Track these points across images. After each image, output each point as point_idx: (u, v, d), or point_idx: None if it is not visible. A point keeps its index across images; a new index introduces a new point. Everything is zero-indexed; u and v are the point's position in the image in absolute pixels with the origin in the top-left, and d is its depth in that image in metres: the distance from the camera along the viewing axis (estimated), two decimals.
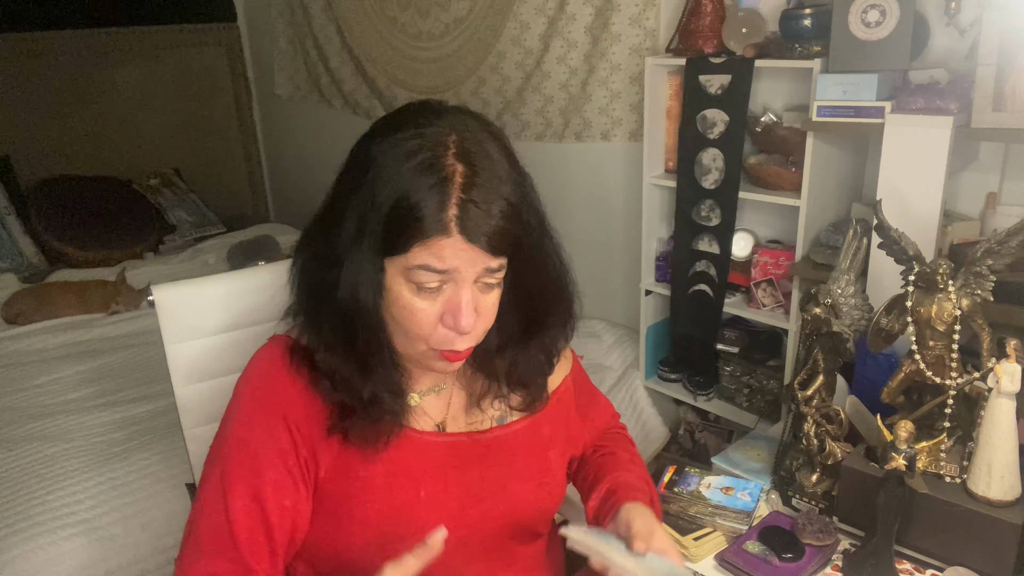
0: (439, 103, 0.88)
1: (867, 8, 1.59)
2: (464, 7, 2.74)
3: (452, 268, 0.80)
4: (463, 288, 0.82)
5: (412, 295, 0.82)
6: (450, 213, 0.78)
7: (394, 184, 0.79)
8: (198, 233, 3.66)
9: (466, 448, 0.96)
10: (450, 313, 0.82)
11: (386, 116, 0.87)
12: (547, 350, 0.99)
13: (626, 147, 2.41)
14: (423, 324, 0.83)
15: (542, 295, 0.93)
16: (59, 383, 2.29)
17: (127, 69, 3.73)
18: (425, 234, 0.78)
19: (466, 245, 0.79)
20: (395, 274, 0.82)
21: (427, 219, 0.78)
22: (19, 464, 1.85)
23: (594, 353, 2.44)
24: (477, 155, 0.81)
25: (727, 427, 2.30)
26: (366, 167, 0.82)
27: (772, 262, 1.98)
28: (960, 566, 1.06)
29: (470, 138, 0.82)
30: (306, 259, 0.89)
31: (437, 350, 0.85)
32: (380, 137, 0.83)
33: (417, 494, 0.91)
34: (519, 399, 0.99)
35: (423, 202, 0.78)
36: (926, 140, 1.50)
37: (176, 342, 1.18)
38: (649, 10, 2.20)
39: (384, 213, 0.79)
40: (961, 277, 1.13)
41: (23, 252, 3.20)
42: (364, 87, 3.36)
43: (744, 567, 1.08)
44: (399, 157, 0.80)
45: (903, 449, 1.02)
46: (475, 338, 0.87)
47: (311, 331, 0.88)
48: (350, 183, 0.85)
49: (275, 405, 0.88)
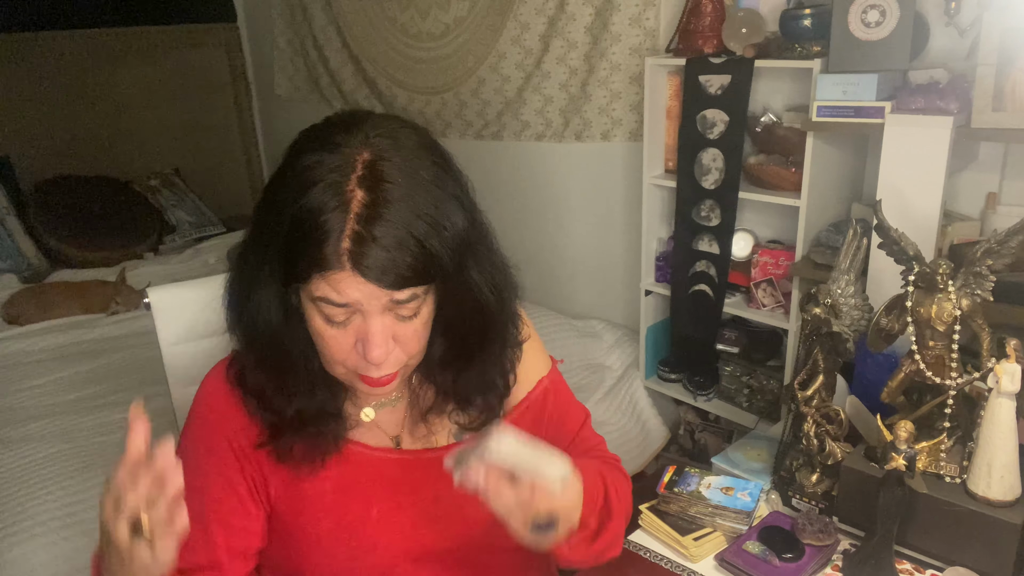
0: (367, 113, 0.81)
1: (867, 8, 1.59)
2: (464, 7, 2.74)
3: (353, 301, 0.74)
4: (371, 319, 0.76)
5: (323, 323, 0.77)
6: (343, 246, 0.72)
7: (294, 207, 0.74)
8: (198, 233, 3.66)
9: (419, 466, 0.92)
10: (361, 342, 0.77)
11: (312, 126, 0.82)
12: (497, 367, 0.92)
13: (626, 147, 2.41)
14: (335, 351, 0.79)
15: (468, 324, 0.86)
16: (59, 383, 2.29)
17: (127, 69, 3.73)
18: (321, 266, 0.73)
19: (362, 281, 0.73)
20: (305, 298, 0.78)
21: (323, 250, 0.72)
22: (19, 464, 1.85)
23: (594, 353, 2.44)
24: (386, 181, 0.73)
25: (727, 427, 2.30)
26: (276, 183, 0.78)
27: (772, 262, 1.98)
28: (960, 566, 1.06)
29: (387, 158, 0.75)
30: (231, 275, 0.87)
31: (361, 376, 0.81)
32: (299, 151, 0.78)
33: (368, 512, 0.89)
34: (467, 419, 0.93)
35: (319, 230, 0.72)
36: (926, 140, 1.50)
37: (173, 344, 1.18)
38: (649, 10, 2.20)
39: (283, 236, 0.75)
40: (961, 277, 1.13)
41: (23, 252, 3.20)
42: (364, 87, 3.35)
43: (744, 567, 1.08)
44: (302, 174, 0.75)
45: (903, 449, 1.02)
46: (395, 365, 0.81)
47: (239, 349, 0.87)
48: (263, 197, 0.81)
49: (220, 428, 0.88)
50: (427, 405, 0.92)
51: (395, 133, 0.78)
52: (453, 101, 2.92)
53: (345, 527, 0.88)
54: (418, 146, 0.79)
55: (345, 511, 0.88)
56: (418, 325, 0.80)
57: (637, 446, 2.29)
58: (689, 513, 1.21)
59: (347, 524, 0.88)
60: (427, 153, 0.79)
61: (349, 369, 0.81)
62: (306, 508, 0.88)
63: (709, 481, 1.25)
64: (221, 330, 1.18)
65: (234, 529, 0.86)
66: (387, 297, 0.75)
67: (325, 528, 0.87)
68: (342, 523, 0.88)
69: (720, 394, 2.23)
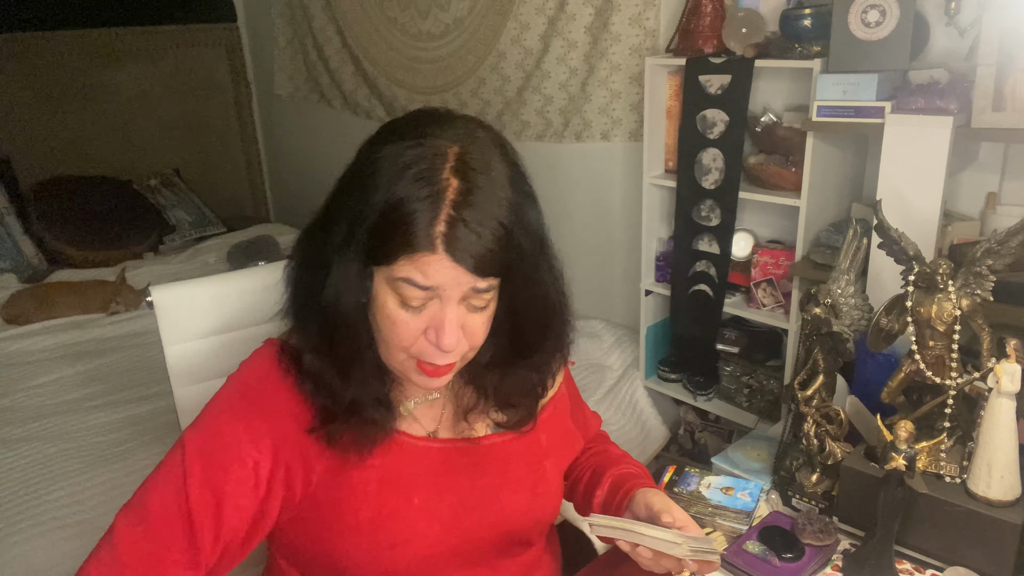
0: (448, 111, 0.85)
1: (867, 8, 1.59)
2: (464, 7, 2.74)
3: (436, 285, 0.77)
4: (448, 306, 0.79)
5: (396, 307, 0.80)
6: (437, 230, 0.75)
7: (386, 192, 0.77)
8: (198, 233, 3.66)
9: (459, 455, 0.94)
10: (433, 329, 0.80)
11: (393, 120, 0.86)
12: (540, 372, 0.97)
13: (626, 147, 2.41)
14: (404, 336, 0.81)
15: (533, 321, 0.90)
16: (59, 383, 2.29)
17: (127, 69, 3.73)
18: (411, 248, 0.76)
19: (452, 264, 0.76)
20: (381, 282, 0.80)
21: (415, 233, 0.75)
22: (19, 464, 1.85)
23: (594, 353, 2.44)
24: (476, 171, 0.77)
25: (727, 427, 2.30)
26: (363, 172, 0.81)
27: (772, 262, 1.98)
28: (960, 566, 1.06)
29: (474, 152, 0.79)
30: (299, 260, 0.88)
31: (415, 361, 0.83)
32: (382, 143, 0.81)
33: (410, 501, 0.90)
34: (505, 418, 0.97)
35: (412, 215, 0.75)
36: (926, 140, 1.50)
37: (175, 343, 1.18)
38: (649, 10, 2.20)
39: (373, 221, 0.77)
40: (961, 277, 1.13)
41: (23, 252, 3.20)
42: (364, 87, 3.36)
43: (744, 567, 1.08)
44: (396, 165, 0.77)
45: (903, 449, 1.02)
46: (458, 356, 0.84)
47: (299, 333, 0.87)
48: (346, 186, 0.83)
49: (263, 406, 0.87)
50: (470, 405, 0.96)
51: (476, 132, 0.82)
52: (453, 101, 2.92)
53: (387, 516, 0.88)
54: (495, 144, 0.83)
55: (386, 500, 0.89)
56: (485, 318, 0.84)
57: (637, 446, 2.29)
58: (689, 513, 1.21)
59: (388, 513, 0.89)
60: (505, 152, 0.83)
61: (411, 356, 0.83)
62: (348, 497, 0.88)
63: (709, 481, 1.25)
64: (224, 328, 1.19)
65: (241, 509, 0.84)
66: (469, 285, 0.78)
67: (365, 517, 0.88)
68: (383, 512, 0.88)
69: (720, 394, 2.23)
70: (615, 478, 1.03)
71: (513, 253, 0.79)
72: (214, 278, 1.23)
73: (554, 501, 1.02)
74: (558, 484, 1.03)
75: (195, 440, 0.85)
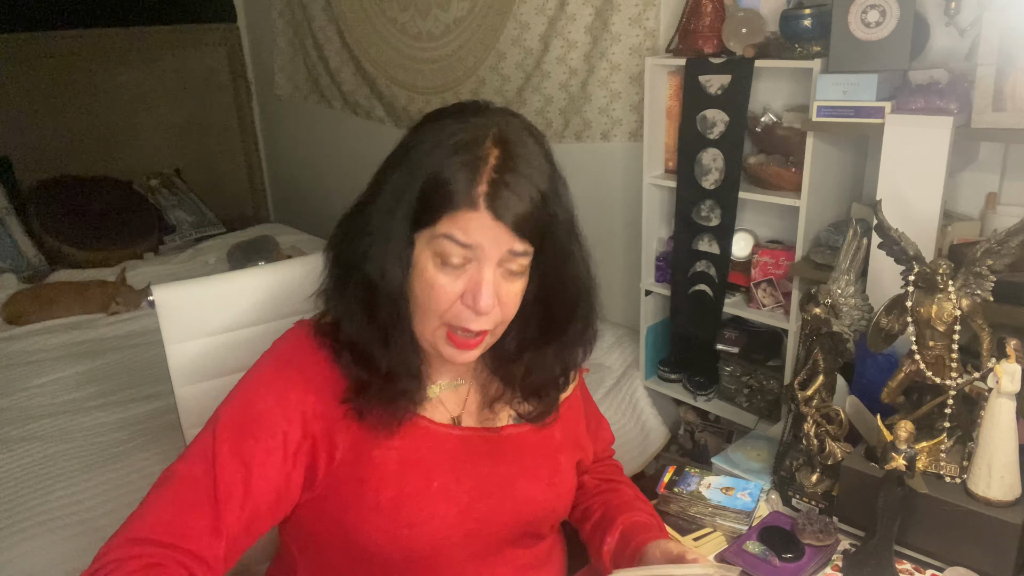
0: (487, 103, 0.91)
1: (867, 8, 1.59)
2: (464, 7, 2.74)
3: (476, 244, 0.82)
4: (486, 267, 0.84)
5: (436, 269, 0.84)
6: (479, 189, 0.81)
7: (431, 159, 0.83)
8: (198, 233, 3.66)
9: (478, 443, 0.98)
10: (470, 292, 0.84)
11: (436, 111, 0.92)
12: (564, 362, 1.01)
13: (626, 147, 2.41)
14: (441, 299, 0.85)
15: (564, 297, 0.94)
16: (59, 383, 2.29)
17: (127, 69, 3.73)
18: (454, 206, 0.81)
19: (493, 222, 0.81)
20: (422, 247, 0.85)
21: (457, 192, 0.81)
22: (19, 464, 1.85)
23: (594, 353, 2.43)
24: (515, 145, 0.84)
25: (727, 427, 2.30)
26: (407, 148, 0.87)
27: (772, 262, 1.98)
28: (960, 566, 1.06)
29: (512, 130, 0.86)
30: (342, 233, 0.92)
31: (446, 331, 0.87)
32: (427, 122, 0.88)
33: (429, 484, 0.92)
34: (530, 409, 1.00)
35: (456, 176, 0.81)
36: (926, 140, 1.50)
37: (176, 342, 1.18)
38: (649, 10, 2.20)
39: (418, 186, 0.83)
40: (961, 277, 1.13)
41: (23, 252, 3.20)
42: (364, 87, 3.36)
43: (744, 567, 1.08)
44: (440, 138, 0.84)
45: (903, 449, 1.02)
46: (491, 323, 0.87)
47: (337, 302, 0.90)
48: (391, 161, 0.89)
49: (294, 379, 0.90)
50: (496, 395, 1.00)
51: (512, 117, 0.89)
52: (453, 101, 2.91)
53: (408, 496, 0.91)
54: (528, 128, 0.90)
55: (407, 481, 0.91)
56: (519, 288, 0.89)
57: (637, 446, 2.29)
58: (689, 513, 1.21)
59: (409, 494, 0.91)
60: (539, 138, 0.89)
61: (444, 323, 0.87)
62: (370, 476, 0.90)
63: (709, 481, 1.25)
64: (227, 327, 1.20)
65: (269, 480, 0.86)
66: (507, 246, 0.83)
67: (386, 497, 0.90)
68: (404, 492, 0.91)
69: (720, 394, 2.23)
70: (627, 527, 1.03)
71: (549, 219, 0.86)
72: (215, 277, 1.23)
73: (569, 492, 1.05)
74: (572, 476, 1.06)
75: (227, 412, 0.88)
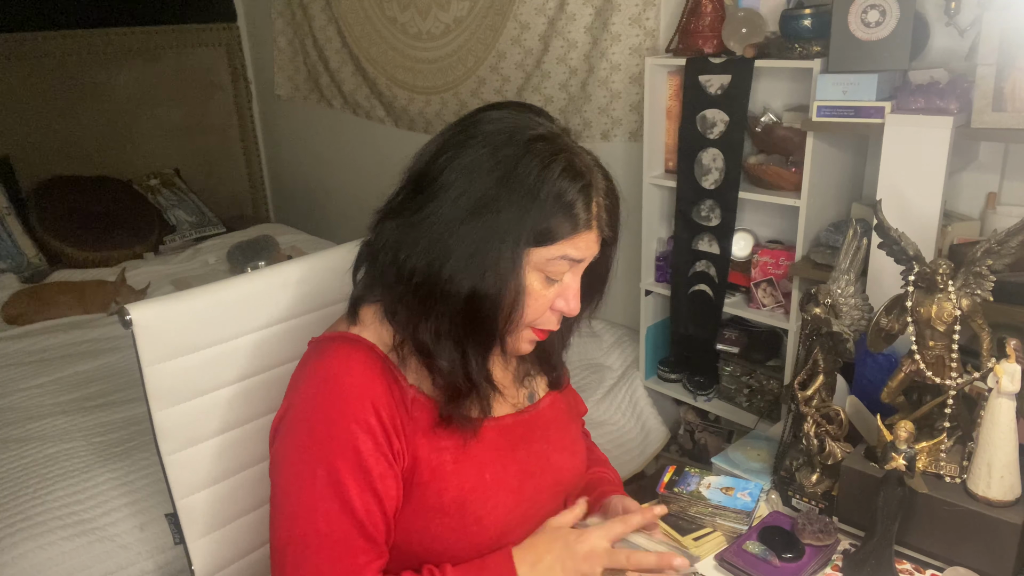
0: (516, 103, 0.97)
1: (867, 8, 1.59)
2: (464, 7, 2.74)
3: (583, 258, 0.90)
4: (577, 275, 0.92)
5: (541, 285, 0.90)
6: (593, 211, 0.89)
7: (548, 186, 0.86)
8: (198, 233, 3.66)
9: (513, 428, 1.01)
10: (563, 298, 0.91)
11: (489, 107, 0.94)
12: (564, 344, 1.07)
13: (626, 147, 2.41)
14: (539, 309, 0.91)
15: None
16: (59, 383, 2.29)
17: (127, 69, 3.73)
18: (575, 228, 0.87)
19: (597, 237, 0.91)
20: (530, 265, 0.88)
21: (579, 217, 0.87)
22: (19, 464, 1.84)
23: (594, 353, 2.44)
24: (605, 167, 0.94)
25: (727, 427, 2.30)
26: (512, 175, 0.85)
27: (772, 262, 1.98)
28: (960, 566, 1.06)
29: (573, 141, 0.94)
30: (406, 252, 0.88)
31: (531, 330, 0.94)
32: (518, 146, 0.87)
33: (483, 477, 0.94)
34: (546, 378, 1.07)
35: (576, 201, 0.87)
36: (926, 140, 1.50)
37: (156, 363, 1.08)
38: (649, 10, 2.20)
39: (539, 210, 0.86)
40: (961, 277, 1.13)
41: (23, 252, 3.20)
42: (364, 87, 3.36)
43: (744, 567, 1.08)
44: (548, 162, 0.87)
45: (903, 449, 1.02)
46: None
47: (422, 317, 0.88)
48: (481, 181, 0.86)
49: (364, 399, 0.88)
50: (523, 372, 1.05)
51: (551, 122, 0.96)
52: (453, 101, 2.92)
53: (468, 492, 0.92)
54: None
55: (465, 478, 0.93)
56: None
57: (637, 446, 2.29)
58: (689, 513, 1.21)
59: (469, 489, 0.93)
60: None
61: (532, 327, 0.94)
62: (430, 480, 0.92)
63: (709, 481, 1.25)
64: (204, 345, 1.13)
65: (392, 500, 0.90)
66: (595, 253, 0.92)
67: (450, 497, 0.92)
68: (464, 489, 0.92)
69: (720, 394, 2.23)
70: (591, 479, 1.12)
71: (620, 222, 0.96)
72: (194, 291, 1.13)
73: (585, 458, 1.11)
74: (583, 442, 1.13)
75: (320, 459, 0.87)
